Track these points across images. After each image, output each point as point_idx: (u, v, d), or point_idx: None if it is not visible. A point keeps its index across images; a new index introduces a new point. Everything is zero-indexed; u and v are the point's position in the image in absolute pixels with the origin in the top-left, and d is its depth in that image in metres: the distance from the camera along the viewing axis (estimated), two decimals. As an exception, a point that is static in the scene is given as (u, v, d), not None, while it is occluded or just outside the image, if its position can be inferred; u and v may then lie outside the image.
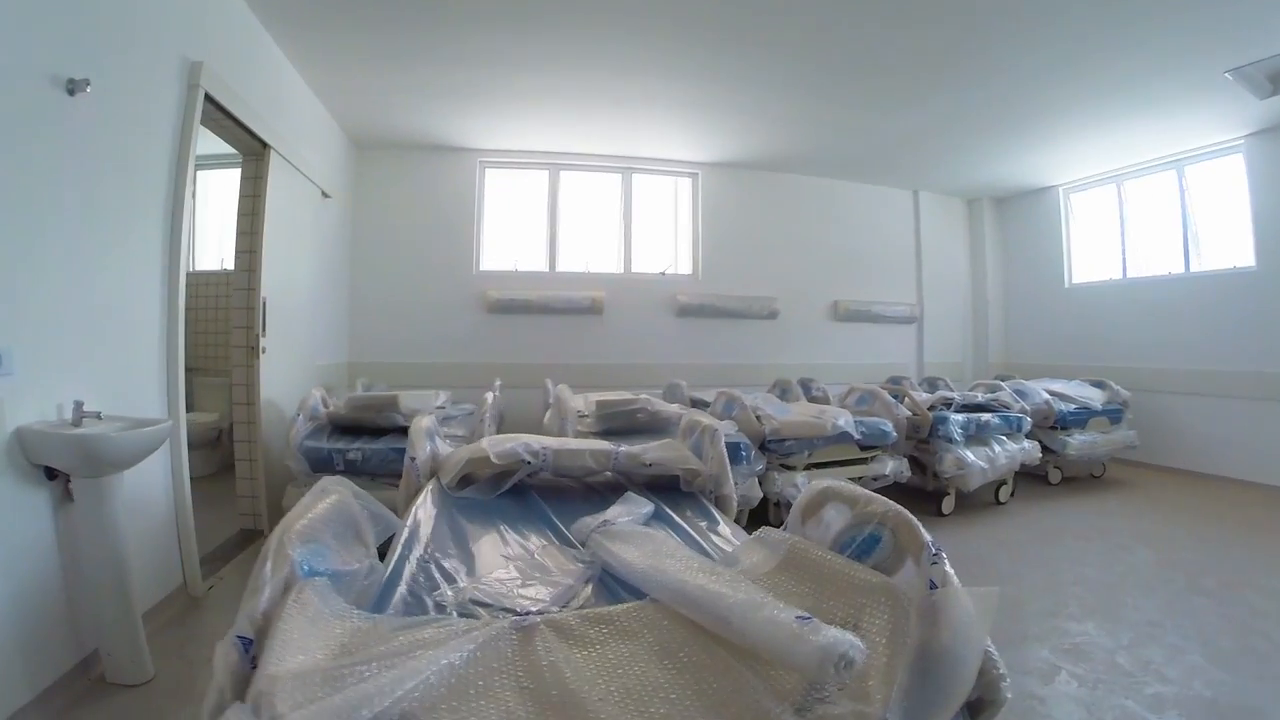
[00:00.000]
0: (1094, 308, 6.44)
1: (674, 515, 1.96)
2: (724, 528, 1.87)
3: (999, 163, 6.13)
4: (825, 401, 5.14)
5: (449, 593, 1.38)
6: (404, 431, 3.26)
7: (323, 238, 4.85)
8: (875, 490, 1.40)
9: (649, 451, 2.28)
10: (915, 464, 4.23)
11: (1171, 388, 5.61)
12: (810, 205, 6.62)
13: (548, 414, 4.16)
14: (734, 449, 3.31)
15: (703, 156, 6.11)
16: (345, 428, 3.67)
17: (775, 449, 3.62)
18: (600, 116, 5.17)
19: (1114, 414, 5.12)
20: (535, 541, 1.75)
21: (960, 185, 6.94)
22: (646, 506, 1.95)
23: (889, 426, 3.96)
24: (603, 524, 1.66)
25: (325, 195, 4.78)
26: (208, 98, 3.00)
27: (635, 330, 6.05)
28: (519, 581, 1.43)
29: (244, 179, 3.76)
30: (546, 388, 4.69)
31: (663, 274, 6.19)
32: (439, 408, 4.28)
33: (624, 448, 2.28)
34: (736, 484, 3.26)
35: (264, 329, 3.68)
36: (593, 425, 3.73)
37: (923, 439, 4.20)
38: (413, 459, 2.36)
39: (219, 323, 5.18)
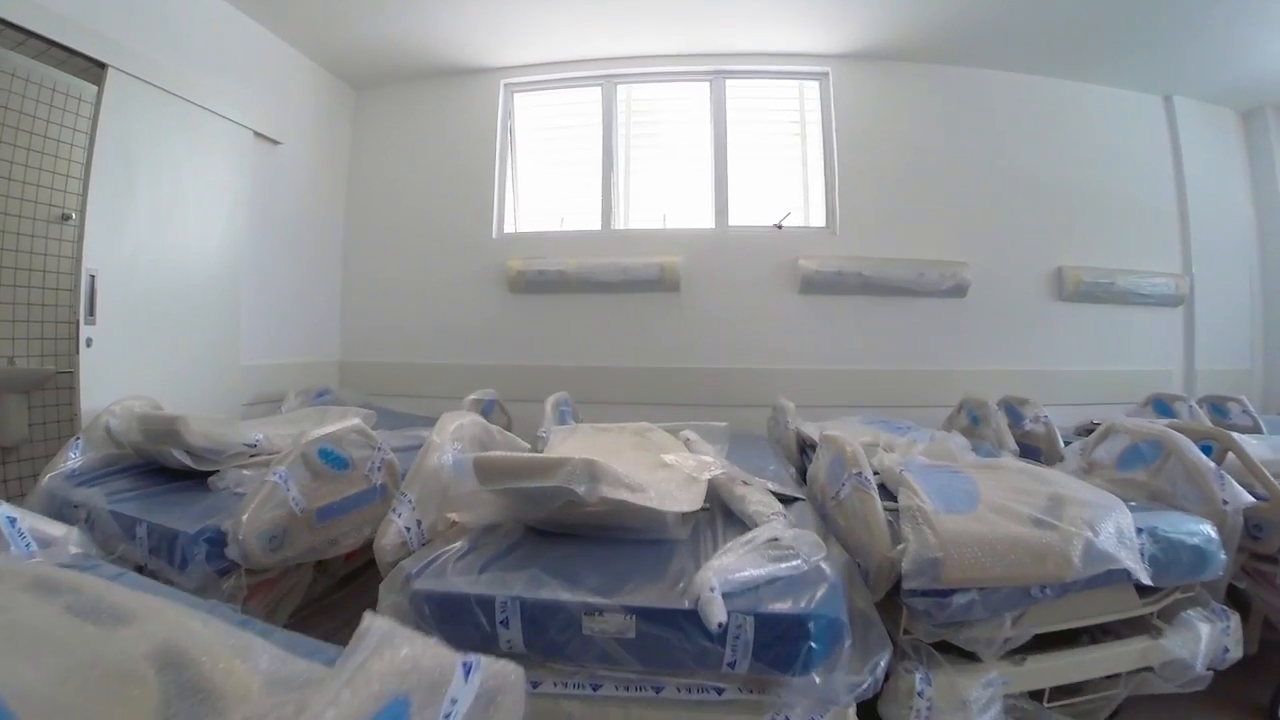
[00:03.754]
0: None
1: None
2: None
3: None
4: (1047, 443, 2.83)
5: None
6: (203, 478, 2.12)
7: (264, 194, 3.63)
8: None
9: None
10: (1230, 596, 1.89)
11: None
12: (1012, 118, 4.11)
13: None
14: (770, 630, 1.19)
15: (834, 45, 3.90)
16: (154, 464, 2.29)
17: (933, 612, 1.42)
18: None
19: None
20: None
21: (1230, 82, 4.10)
22: None
23: (1207, 535, 1.67)
24: None
25: (266, 139, 3.58)
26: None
27: (730, 314, 3.94)
28: None
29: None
30: (546, 411, 2.69)
31: (778, 227, 3.99)
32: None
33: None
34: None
35: (91, 314, 2.66)
36: (489, 516, 1.65)
37: (1264, 551, 1.84)
38: None
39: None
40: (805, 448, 2.69)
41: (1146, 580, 1.55)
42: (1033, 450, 2.89)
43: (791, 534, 1.35)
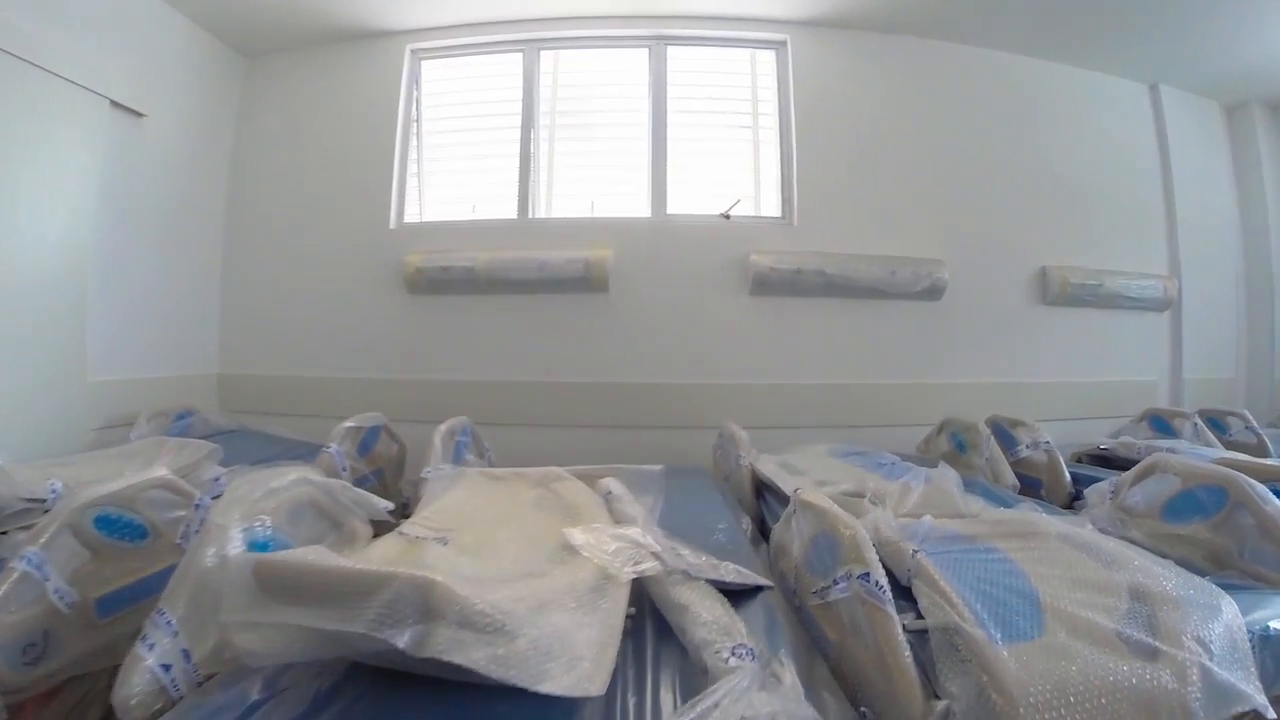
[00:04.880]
0: None
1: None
2: None
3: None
4: (1050, 474, 2.39)
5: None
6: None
7: (123, 176, 3.00)
8: None
9: None
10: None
11: None
12: (993, 100, 3.67)
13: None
14: None
15: (794, 9, 3.39)
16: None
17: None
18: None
19: None
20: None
21: (1217, 73, 3.86)
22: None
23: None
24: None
25: (126, 110, 2.95)
26: None
27: (669, 319, 3.36)
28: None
29: None
30: (434, 445, 2.08)
31: (725, 217, 3.44)
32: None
33: None
34: None
35: None
36: (284, 651, 0.95)
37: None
38: None
39: None
40: (763, 490, 2.11)
41: (1273, 716, 1.03)
42: (1032, 482, 2.44)
43: (769, 710, 0.74)
